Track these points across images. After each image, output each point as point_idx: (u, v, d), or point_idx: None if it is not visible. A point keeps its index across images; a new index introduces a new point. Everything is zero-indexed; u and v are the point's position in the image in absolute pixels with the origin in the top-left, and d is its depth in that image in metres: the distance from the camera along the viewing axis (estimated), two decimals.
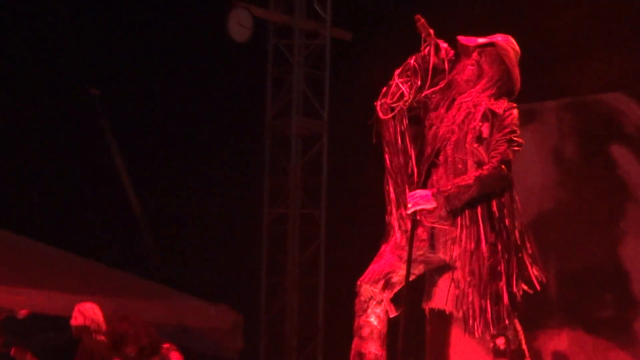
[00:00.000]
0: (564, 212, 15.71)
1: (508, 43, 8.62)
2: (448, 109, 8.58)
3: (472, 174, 8.27)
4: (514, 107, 8.44)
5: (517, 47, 8.63)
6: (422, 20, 8.34)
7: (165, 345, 11.81)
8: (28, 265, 17.02)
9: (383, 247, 8.56)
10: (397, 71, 8.48)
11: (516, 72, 8.55)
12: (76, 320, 12.60)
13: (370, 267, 8.47)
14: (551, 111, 15.82)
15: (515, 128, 8.43)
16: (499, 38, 8.59)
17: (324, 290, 17.60)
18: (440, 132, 8.53)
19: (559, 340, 15.28)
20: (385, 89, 8.49)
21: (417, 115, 8.56)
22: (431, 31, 8.36)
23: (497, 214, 8.40)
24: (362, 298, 8.44)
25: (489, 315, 8.28)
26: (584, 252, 15.48)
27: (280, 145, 18.24)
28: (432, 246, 8.45)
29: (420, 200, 8.27)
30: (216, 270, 18.07)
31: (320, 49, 18.26)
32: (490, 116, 8.39)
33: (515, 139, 8.43)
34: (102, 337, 12.53)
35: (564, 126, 15.72)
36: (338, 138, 18.19)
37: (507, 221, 8.40)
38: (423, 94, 8.44)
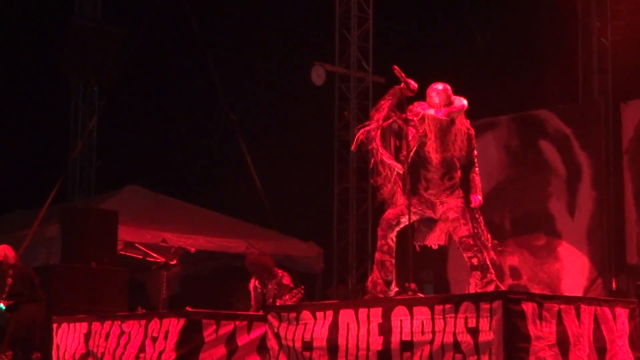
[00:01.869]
0: (512, 182, 16.23)
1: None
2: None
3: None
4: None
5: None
6: (397, 68, 8.75)
7: (279, 272, 11.83)
8: (192, 220, 17.27)
9: (395, 198, 8.92)
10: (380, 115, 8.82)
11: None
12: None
13: (389, 211, 8.92)
14: (504, 122, 16.36)
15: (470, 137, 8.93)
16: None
17: (372, 234, 16.83)
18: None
19: (512, 260, 15.94)
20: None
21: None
22: (403, 75, 8.68)
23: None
24: (383, 227, 8.88)
25: (465, 244, 8.63)
26: (526, 205, 16.08)
27: (343, 146, 18.16)
28: (425, 206, 8.83)
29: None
30: (307, 220, 18.60)
31: (366, 89, 18.36)
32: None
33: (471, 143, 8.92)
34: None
35: (512, 130, 16.33)
36: None
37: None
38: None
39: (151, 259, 16.06)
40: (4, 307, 12.46)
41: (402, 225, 8.86)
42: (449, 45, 16.26)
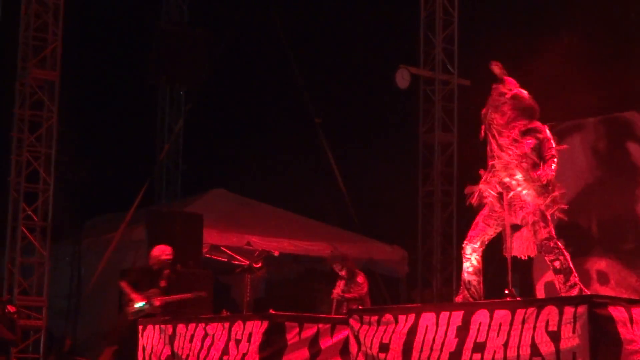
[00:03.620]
0: (599, 185, 15.92)
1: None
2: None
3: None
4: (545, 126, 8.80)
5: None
6: (496, 64, 8.85)
7: (357, 272, 12.38)
8: (276, 224, 17.43)
9: (477, 217, 8.97)
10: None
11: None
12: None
13: (470, 233, 8.97)
14: (591, 124, 16.12)
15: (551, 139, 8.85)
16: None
17: (457, 237, 17.05)
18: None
19: (599, 264, 15.63)
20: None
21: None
22: (504, 71, 8.76)
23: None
24: (466, 252, 8.98)
25: (548, 248, 8.59)
26: (613, 208, 15.69)
27: (428, 149, 18.40)
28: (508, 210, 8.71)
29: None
30: (392, 224, 18.44)
31: (451, 91, 18.48)
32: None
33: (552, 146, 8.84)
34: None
35: (599, 132, 16.08)
36: (463, 144, 18.08)
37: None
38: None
39: (236, 262, 15.85)
40: (143, 305, 12.47)
41: (485, 245, 8.94)
42: (534, 48, 15.69)
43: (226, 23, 19.29)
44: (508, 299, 8.27)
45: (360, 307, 11.54)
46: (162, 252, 12.87)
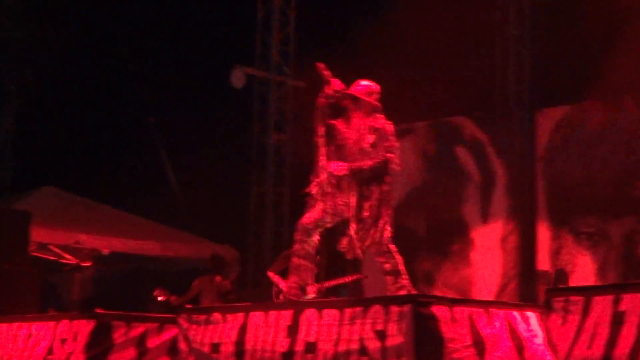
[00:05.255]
0: (428, 188, 16.36)
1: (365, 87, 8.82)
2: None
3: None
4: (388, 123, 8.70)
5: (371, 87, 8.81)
6: (322, 66, 8.65)
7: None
8: (107, 222, 16.88)
9: (317, 203, 8.75)
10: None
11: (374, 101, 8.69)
12: None
13: (306, 215, 8.80)
14: (421, 128, 16.54)
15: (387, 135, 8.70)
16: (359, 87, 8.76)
17: (288, 238, 15.70)
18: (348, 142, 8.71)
19: (426, 265, 15.96)
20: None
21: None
22: (328, 73, 8.60)
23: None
24: (299, 231, 8.78)
25: (380, 249, 8.61)
26: (440, 211, 16.19)
27: (262, 149, 18.26)
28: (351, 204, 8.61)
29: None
30: (224, 224, 18.04)
31: (285, 92, 18.45)
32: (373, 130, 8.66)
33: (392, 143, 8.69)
34: None
35: (428, 136, 16.48)
36: (295, 145, 17.97)
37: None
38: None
39: (64, 261, 15.87)
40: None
41: (320, 230, 8.82)
42: (369, 51, 16.03)
43: (54, 19, 18.97)
44: (320, 293, 8.36)
45: None
46: None
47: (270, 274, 11.65)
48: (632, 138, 14.29)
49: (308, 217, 8.79)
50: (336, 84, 8.76)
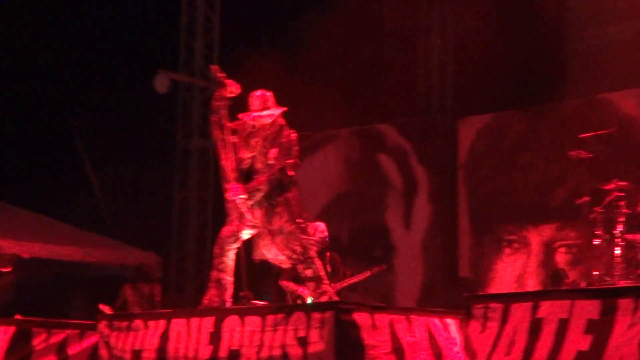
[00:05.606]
0: (351, 194, 16.40)
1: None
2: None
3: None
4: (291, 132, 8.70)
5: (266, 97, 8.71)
6: (215, 68, 8.87)
7: None
8: (27, 227, 16.70)
9: (234, 213, 8.78)
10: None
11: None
12: None
13: (224, 228, 8.81)
14: (344, 135, 16.57)
15: (294, 145, 8.76)
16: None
17: (211, 244, 16.93)
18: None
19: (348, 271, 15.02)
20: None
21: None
22: (222, 75, 8.73)
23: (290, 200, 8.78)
24: (219, 245, 8.80)
25: (300, 256, 8.69)
26: (363, 217, 16.23)
27: (186, 155, 18.06)
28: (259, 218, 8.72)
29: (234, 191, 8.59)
30: (147, 229, 17.67)
31: (209, 98, 17.45)
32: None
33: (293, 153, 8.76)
34: None
35: (352, 143, 16.49)
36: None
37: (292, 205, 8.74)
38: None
39: None
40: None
41: (240, 242, 8.86)
42: (294, 56, 16.04)
43: None
44: (244, 301, 8.49)
45: None
46: (317, 230, 11.34)
47: (284, 283, 11.34)
48: (552, 147, 14.41)
49: (226, 231, 8.82)
50: (232, 86, 8.81)
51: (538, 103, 15.40)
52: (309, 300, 10.75)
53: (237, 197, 8.61)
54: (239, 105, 9.11)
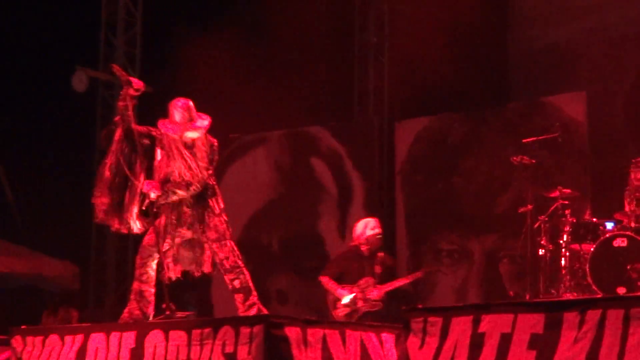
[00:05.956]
0: (282, 201, 16.19)
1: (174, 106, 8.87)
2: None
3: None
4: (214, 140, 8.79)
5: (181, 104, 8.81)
6: (117, 67, 8.98)
7: None
8: None
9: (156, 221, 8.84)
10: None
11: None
12: None
13: (147, 236, 8.85)
14: (275, 137, 16.31)
15: (213, 152, 8.82)
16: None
17: (133, 253, 14.50)
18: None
19: (280, 283, 15.97)
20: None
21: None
22: (124, 73, 8.90)
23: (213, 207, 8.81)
24: (142, 255, 8.84)
25: (228, 266, 8.72)
26: (295, 225, 16.09)
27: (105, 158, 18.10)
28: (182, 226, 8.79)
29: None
30: (63, 237, 17.49)
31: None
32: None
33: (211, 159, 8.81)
34: None
35: (283, 147, 16.29)
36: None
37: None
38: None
39: None
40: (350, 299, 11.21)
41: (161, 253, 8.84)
42: (222, 55, 15.84)
43: None
44: (167, 313, 8.40)
45: None
46: (367, 226, 11.19)
47: (324, 279, 11.24)
48: (495, 152, 14.42)
49: (148, 239, 8.84)
50: (137, 83, 8.97)
51: (480, 106, 15.38)
52: (345, 301, 11.01)
53: (152, 191, 8.61)
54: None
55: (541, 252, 11.05)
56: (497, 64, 15.39)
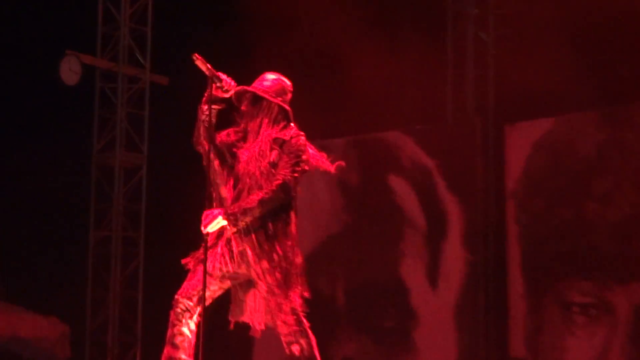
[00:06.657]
0: (349, 234, 15.84)
1: (273, 83, 8.29)
2: (245, 142, 8.30)
3: (255, 197, 8.00)
4: (300, 135, 8.23)
5: (284, 83, 8.29)
6: (200, 57, 8.07)
7: None
8: None
9: (194, 261, 8.28)
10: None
11: (284, 103, 8.26)
12: None
13: (185, 283, 8.20)
14: (338, 147, 15.68)
15: (301, 153, 8.19)
16: (264, 82, 8.29)
17: (143, 304, 17.13)
18: (242, 163, 8.22)
19: (347, 349, 15.48)
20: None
21: (225, 153, 8.28)
22: (209, 66, 8.10)
23: (275, 235, 8.12)
24: (178, 310, 8.16)
25: (281, 324, 8.06)
26: (369, 269, 15.58)
27: (105, 175, 17.55)
28: (239, 263, 8.15)
29: (210, 218, 8.01)
30: (47, 286, 17.34)
31: (140, 92, 17.72)
32: (279, 144, 8.17)
33: (300, 162, 8.17)
34: None
35: (350, 160, 14.96)
36: (155, 169, 17.74)
37: (282, 240, 8.15)
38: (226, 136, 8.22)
39: None
40: None
41: (208, 303, 8.12)
42: (255, 36, 15.29)
43: None
44: None
45: None
46: None
47: None
48: None
49: (188, 285, 8.19)
50: (226, 83, 8.17)
51: (623, 102, 14.54)
52: None
53: (210, 221, 8.02)
54: None
55: None
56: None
